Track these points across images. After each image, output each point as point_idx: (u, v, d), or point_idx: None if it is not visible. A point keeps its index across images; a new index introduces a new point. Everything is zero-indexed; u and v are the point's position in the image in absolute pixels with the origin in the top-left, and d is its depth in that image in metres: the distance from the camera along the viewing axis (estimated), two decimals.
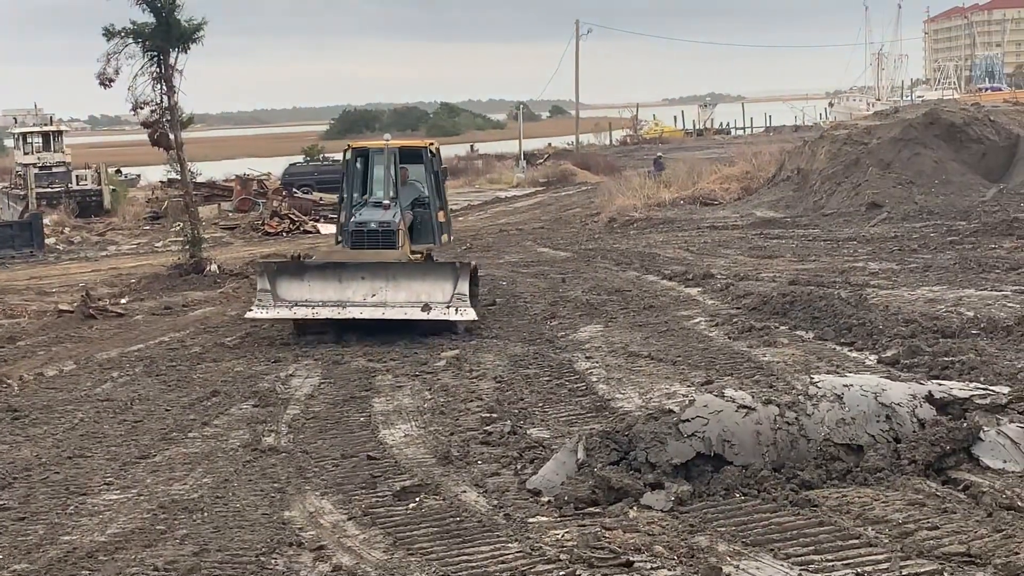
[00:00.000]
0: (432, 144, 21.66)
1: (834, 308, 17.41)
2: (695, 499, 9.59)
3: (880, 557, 8.16)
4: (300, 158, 67.28)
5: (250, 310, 19.25)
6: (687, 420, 10.11)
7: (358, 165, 21.06)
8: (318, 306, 18.56)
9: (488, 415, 13.18)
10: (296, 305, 18.60)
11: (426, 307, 18.23)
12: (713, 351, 15.93)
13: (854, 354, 15.22)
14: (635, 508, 9.48)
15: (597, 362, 15.76)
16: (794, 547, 8.47)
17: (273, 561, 8.97)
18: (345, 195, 21.03)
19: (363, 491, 10.71)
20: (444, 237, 21.24)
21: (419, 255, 20.20)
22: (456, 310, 18.09)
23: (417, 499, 10.28)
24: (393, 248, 19.52)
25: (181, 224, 30.36)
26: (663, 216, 35.61)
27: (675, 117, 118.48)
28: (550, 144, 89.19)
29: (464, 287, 18.18)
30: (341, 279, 18.67)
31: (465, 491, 10.46)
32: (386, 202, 20.08)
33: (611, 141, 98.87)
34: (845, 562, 8.13)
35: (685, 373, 14.72)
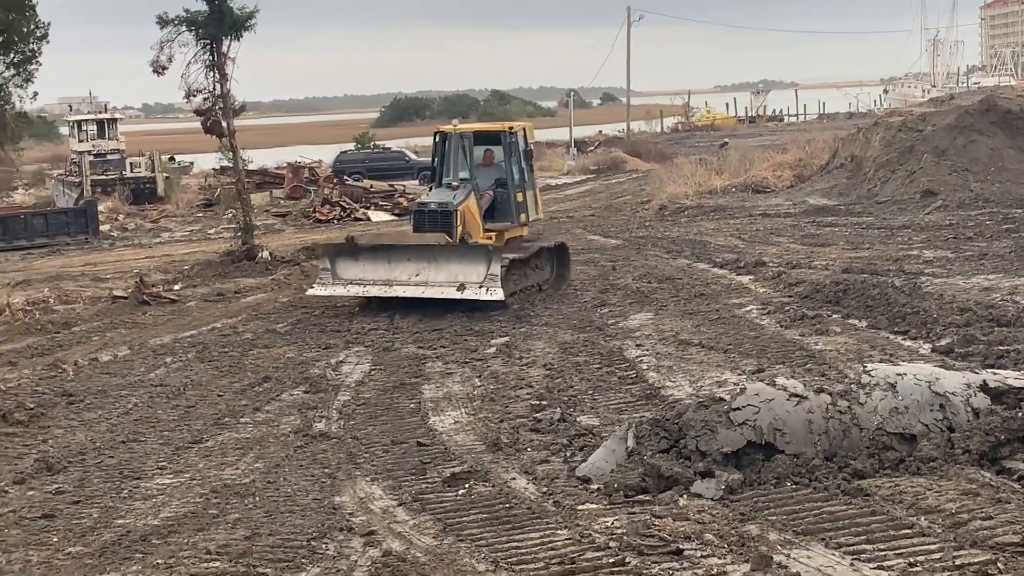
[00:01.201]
0: (512, 127, 22.58)
1: (888, 296, 17.26)
2: (746, 488, 9.56)
3: (933, 547, 8.09)
4: (351, 146, 67.43)
5: (311, 287, 20.62)
6: (738, 408, 10.07)
7: (444, 149, 22.09)
8: (369, 284, 20.02)
9: (538, 402, 13.19)
10: (351, 283, 20.13)
11: (461, 287, 19.35)
12: (765, 339, 15.84)
13: (908, 343, 15.08)
14: (685, 496, 9.46)
15: (647, 350, 15.71)
16: (846, 536, 8.41)
17: (324, 546, 9.03)
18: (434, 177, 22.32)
19: (413, 477, 10.75)
20: (523, 216, 21.99)
21: (491, 234, 21.21)
22: (487, 290, 19.13)
23: (467, 486, 10.31)
24: (450, 227, 20.45)
25: (233, 211, 30.54)
26: (714, 204, 35.40)
27: (727, 104, 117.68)
28: (601, 131, 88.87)
29: (496, 269, 19.14)
30: (390, 260, 20.17)
31: (514, 478, 10.48)
32: (455, 183, 21.15)
33: (662, 128, 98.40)
34: (897, 552, 8.07)
35: (736, 361, 14.64)
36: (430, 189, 22.23)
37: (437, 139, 22.05)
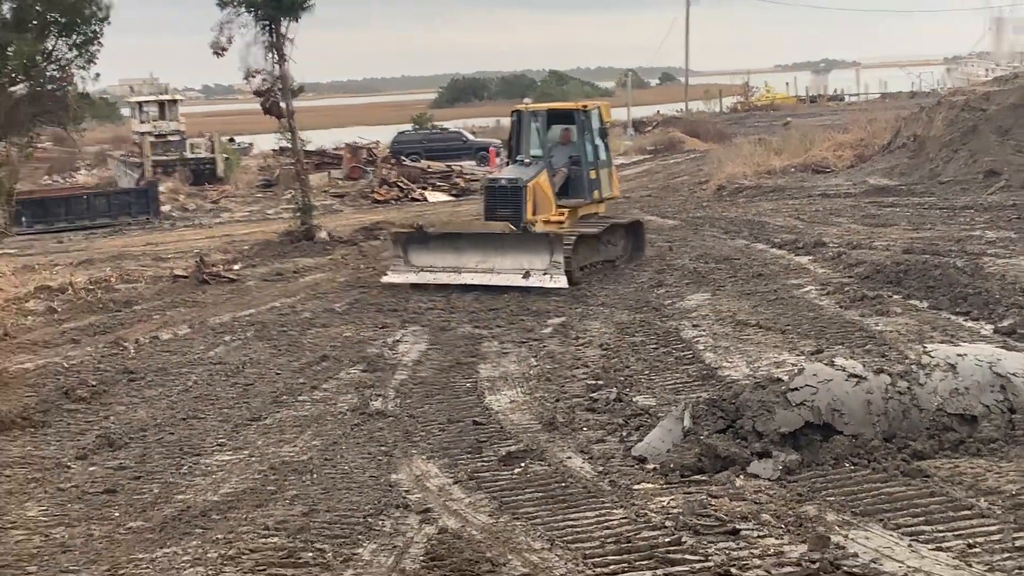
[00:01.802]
0: (586, 105, 22.84)
1: (949, 277, 17.06)
2: (803, 468, 9.50)
3: (992, 528, 8.01)
4: (409, 126, 67.58)
5: (385, 275, 21.08)
6: (796, 389, 10.00)
7: (518, 127, 22.58)
8: (439, 271, 20.55)
9: (594, 382, 13.18)
10: (422, 270, 20.73)
11: (526, 274, 19.80)
12: (823, 320, 15.71)
13: (969, 324, 14.90)
14: (742, 477, 9.43)
15: (704, 330, 15.65)
16: (904, 517, 8.34)
17: (380, 522, 9.08)
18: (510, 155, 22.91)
19: (469, 455, 10.79)
20: (596, 193, 22.37)
21: (563, 210, 21.72)
22: (551, 277, 19.54)
23: (522, 464, 10.33)
24: (519, 203, 20.86)
25: (292, 192, 30.71)
26: (773, 184, 35.09)
27: (787, 84, 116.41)
28: (659, 111, 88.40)
29: (559, 256, 19.57)
30: (458, 247, 20.74)
31: (570, 457, 10.48)
32: (527, 160, 21.65)
33: (721, 108, 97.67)
34: (956, 533, 7.99)
35: (794, 342, 14.54)
36: (505, 164, 22.72)
37: (513, 118, 22.61)
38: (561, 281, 19.40)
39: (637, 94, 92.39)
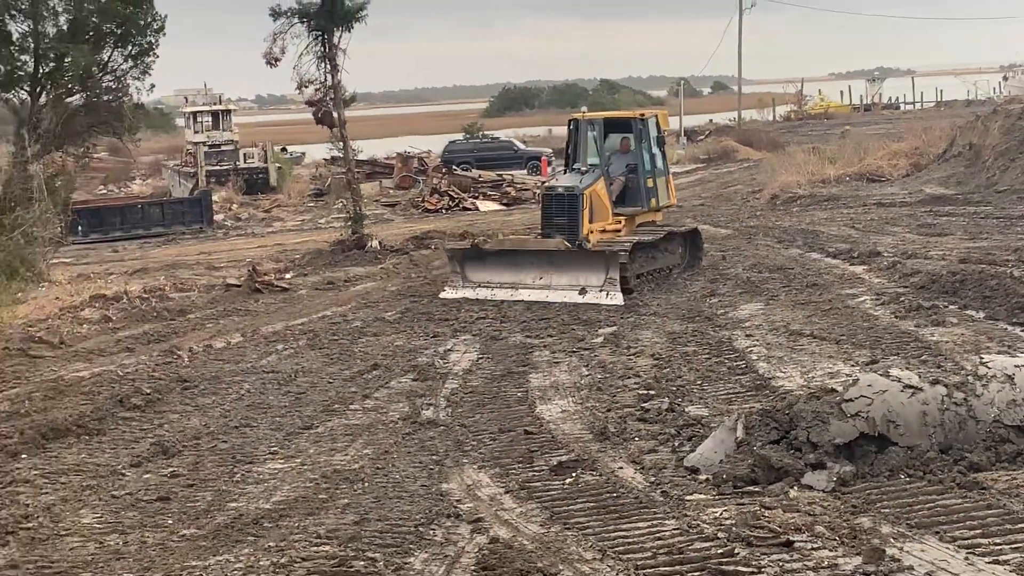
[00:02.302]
0: (643, 114, 22.94)
1: (1006, 287, 16.84)
2: (858, 480, 9.40)
3: None
4: (460, 136, 67.74)
5: (443, 291, 21.04)
6: (851, 400, 9.90)
7: (576, 136, 22.58)
8: (496, 287, 20.65)
9: (646, 392, 13.12)
10: (479, 286, 20.79)
11: (583, 291, 19.86)
12: (879, 330, 15.56)
13: None
14: (796, 488, 9.34)
15: (758, 340, 15.54)
16: (960, 530, 8.23)
17: (431, 532, 9.07)
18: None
19: (520, 465, 10.76)
20: (653, 201, 22.37)
21: (620, 218, 21.77)
22: (607, 294, 19.53)
23: (574, 474, 10.29)
24: (575, 211, 20.82)
25: (344, 201, 30.84)
26: (827, 193, 34.86)
27: (841, 92, 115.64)
28: (711, 120, 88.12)
29: (615, 273, 19.59)
30: (515, 263, 20.77)
31: (622, 467, 10.43)
32: (584, 168, 21.64)
33: (775, 117, 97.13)
34: (1014, 546, 7.88)
35: (849, 352, 14.41)
36: (563, 172, 22.79)
37: (570, 126, 22.66)
38: (617, 298, 19.37)
39: (689, 103, 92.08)
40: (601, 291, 19.61)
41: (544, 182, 22.63)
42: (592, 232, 21.09)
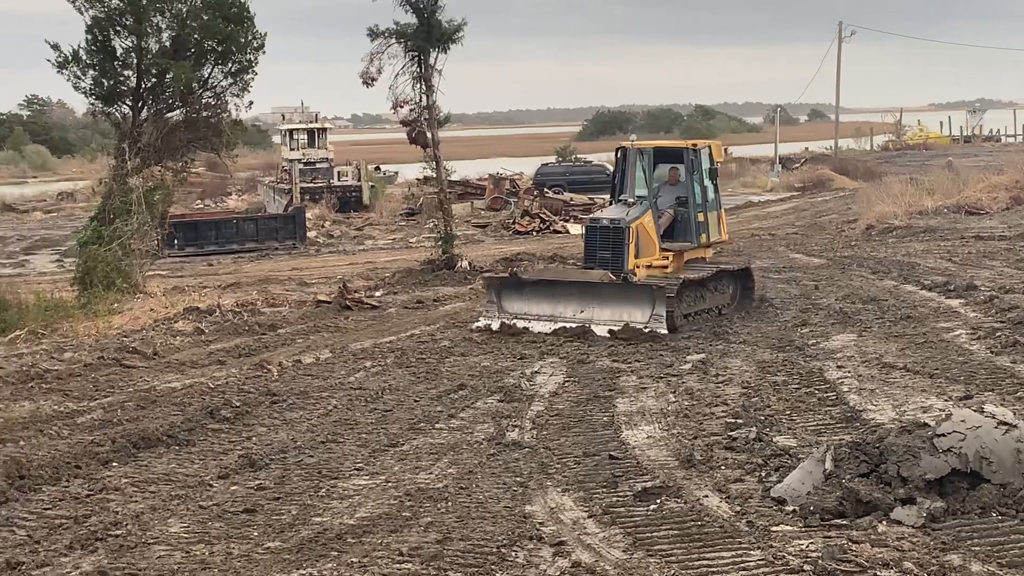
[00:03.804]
0: (696, 144, 21.67)
1: None
2: (948, 516, 9.23)
3: None
4: (552, 158, 67.90)
5: (477, 320, 20.19)
6: (943, 435, 9.72)
7: (623, 165, 21.43)
8: (533, 319, 19.69)
9: (733, 420, 12.99)
10: (516, 317, 19.82)
11: (625, 327, 18.75)
12: (973, 365, 15.26)
13: None
14: (884, 522, 9.18)
15: (849, 372, 15.32)
16: None
17: (513, 553, 9.05)
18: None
19: (604, 490, 10.70)
20: (703, 237, 21.31)
21: (668, 254, 20.73)
22: (651, 332, 18.57)
23: (658, 501, 10.21)
24: (621, 245, 19.96)
25: (435, 221, 31.00)
26: (924, 224, 34.35)
27: (941, 123, 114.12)
28: (807, 148, 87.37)
29: (661, 310, 18.69)
30: (554, 295, 19.82)
31: (707, 495, 10.33)
32: (631, 200, 20.58)
33: (872, 146, 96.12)
34: None
35: (942, 387, 14.15)
36: (608, 204, 21.88)
37: (618, 155, 21.52)
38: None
39: (785, 130, 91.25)
40: (646, 328, 18.64)
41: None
42: (638, 267, 20.13)
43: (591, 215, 21.32)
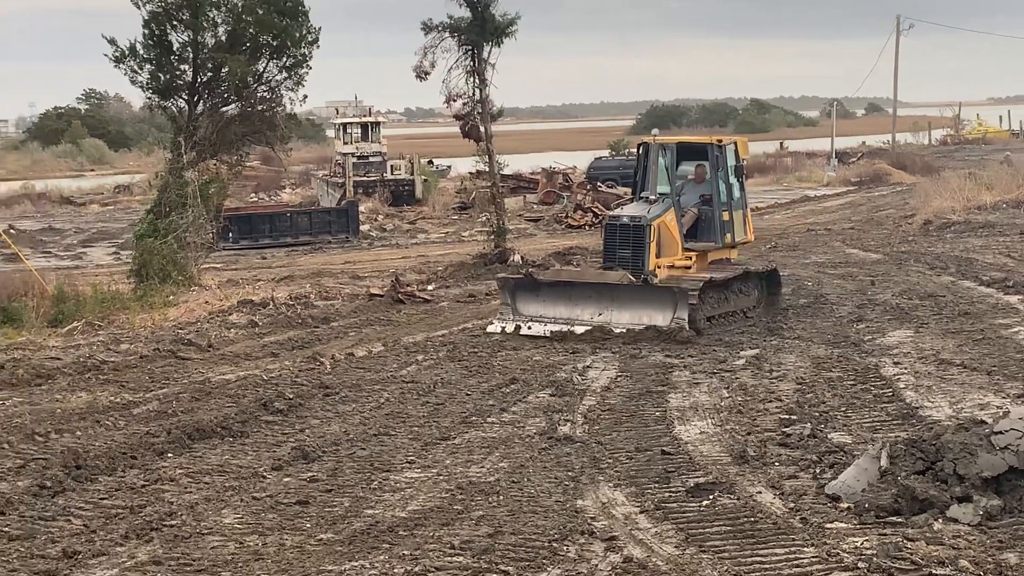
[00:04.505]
0: (721, 140, 20.92)
1: None
2: (1005, 515, 9.13)
3: None
4: (606, 152, 67.67)
5: (491, 323, 19.60)
6: (1000, 432, 9.61)
7: (645, 161, 20.63)
8: (549, 322, 19.00)
9: (787, 416, 12.90)
10: (531, 320, 19.15)
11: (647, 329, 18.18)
12: None
13: None
14: (940, 520, 9.09)
15: (905, 368, 15.17)
16: None
17: (565, 548, 9.04)
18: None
19: (656, 485, 10.66)
20: (728, 237, 20.48)
21: (691, 254, 20.01)
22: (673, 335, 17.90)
23: (711, 497, 10.16)
24: (641, 244, 19.24)
25: (487, 215, 31.00)
26: (983, 219, 33.94)
27: (1000, 117, 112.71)
28: (864, 142, 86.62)
29: (683, 313, 18.02)
30: (571, 297, 19.13)
31: (760, 492, 10.26)
32: (652, 197, 19.79)
33: (930, 141, 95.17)
34: None
35: (1000, 384, 13.99)
36: (628, 201, 20.96)
37: (639, 151, 20.84)
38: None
39: (842, 124, 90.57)
40: (668, 331, 17.98)
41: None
42: (659, 268, 19.38)
43: (610, 212, 20.21)
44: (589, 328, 18.44)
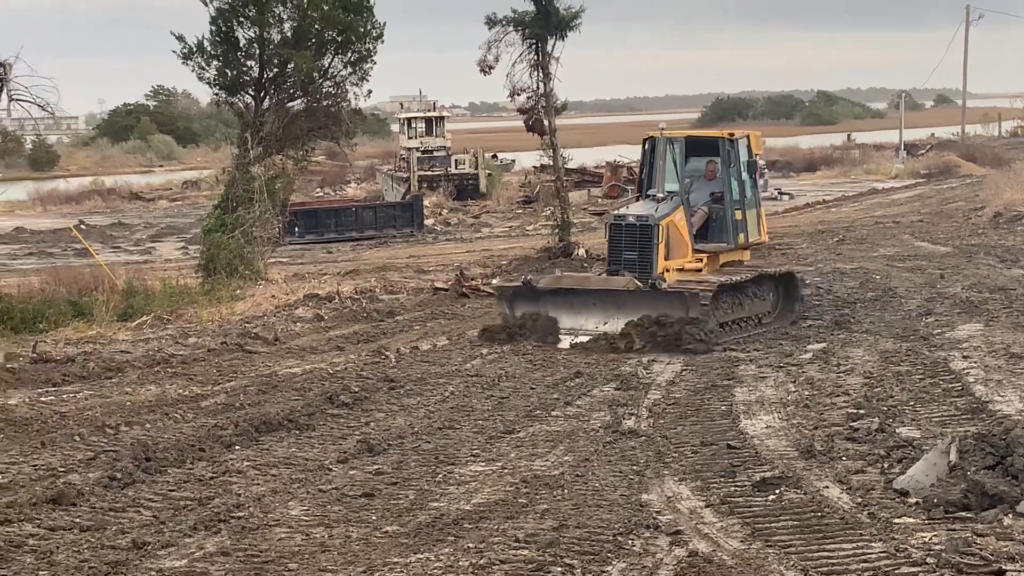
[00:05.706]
0: (733, 134, 19.66)
1: None
2: None
3: None
4: None
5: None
6: None
7: (651, 157, 19.41)
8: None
9: (855, 411, 12.78)
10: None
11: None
12: None
13: None
14: (1010, 516, 8.98)
15: (975, 362, 14.97)
16: None
17: (630, 542, 9.02)
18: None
19: (722, 479, 10.61)
20: (741, 237, 19.35)
21: (701, 255, 18.97)
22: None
23: (777, 491, 10.09)
24: (648, 245, 18.05)
25: (552, 208, 30.96)
26: None
27: None
28: (933, 134, 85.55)
29: (695, 316, 17.04)
30: (573, 305, 18.10)
31: (827, 486, 10.18)
32: (660, 195, 18.52)
33: (1000, 132, 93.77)
34: None
35: None
36: (634, 199, 19.91)
37: (645, 145, 19.54)
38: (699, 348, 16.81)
39: (910, 116, 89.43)
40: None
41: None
42: (668, 270, 18.17)
43: (615, 211, 18.74)
44: (593, 338, 17.50)
